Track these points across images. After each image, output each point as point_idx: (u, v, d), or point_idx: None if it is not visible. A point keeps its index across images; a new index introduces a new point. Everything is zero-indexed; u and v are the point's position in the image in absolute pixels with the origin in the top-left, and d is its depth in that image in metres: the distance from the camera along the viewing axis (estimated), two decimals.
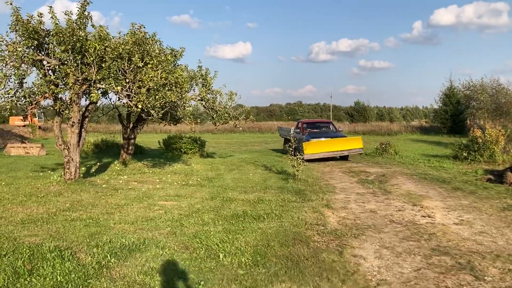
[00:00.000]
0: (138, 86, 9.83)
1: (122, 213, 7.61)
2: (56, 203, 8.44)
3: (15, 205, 8.21)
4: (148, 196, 9.33)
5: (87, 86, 10.27)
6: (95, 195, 9.29)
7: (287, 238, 6.16)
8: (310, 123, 22.54)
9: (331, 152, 18.52)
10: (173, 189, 10.35)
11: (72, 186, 10.19)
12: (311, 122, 23.63)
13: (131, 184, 11.01)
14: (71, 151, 10.51)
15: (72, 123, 10.44)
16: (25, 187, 10.17)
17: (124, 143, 15.80)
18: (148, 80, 9.72)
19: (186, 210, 7.98)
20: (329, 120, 29.42)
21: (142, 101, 9.62)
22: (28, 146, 20.89)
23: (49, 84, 9.74)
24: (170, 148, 20.79)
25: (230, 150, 26.41)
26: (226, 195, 9.70)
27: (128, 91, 9.97)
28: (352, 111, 65.87)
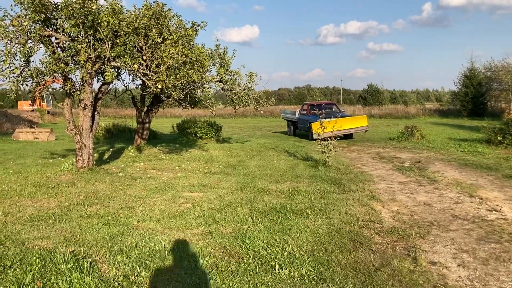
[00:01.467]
0: (156, 64, 8.80)
1: (144, 208, 6.66)
2: (68, 195, 7.51)
3: (24, 198, 7.30)
4: (170, 186, 8.38)
5: (100, 64, 9.26)
6: (111, 186, 8.35)
7: (344, 240, 5.18)
8: (315, 105, 23.32)
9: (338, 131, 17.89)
10: (196, 178, 9.39)
11: (86, 175, 9.26)
12: (316, 104, 24.22)
13: (149, 172, 10.06)
14: (83, 136, 9.56)
15: (84, 106, 9.47)
16: (34, 176, 9.26)
17: (138, 127, 14.84)
18: (168, 57, 8.69)
19: (216, 203, 7.02)
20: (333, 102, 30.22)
21: (162, 81, 8.60)
22: (37, 131, 20.03)
23: (58, 62, 8.74)
24: (185, 133, 19.86)
25: (245, 134, 25.41)
26: (255, 184, 8.72)
27: (146, 70, 8.94)
28: (365, 94, 64.44)
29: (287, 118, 25.48)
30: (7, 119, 26.38)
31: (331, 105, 24.06)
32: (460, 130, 25.46)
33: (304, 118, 21.93)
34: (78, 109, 9.80)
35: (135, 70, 8.84)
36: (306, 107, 22.58)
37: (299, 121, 23.17)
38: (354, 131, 20.45)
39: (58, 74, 9.17)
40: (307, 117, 21.55)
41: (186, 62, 9.33)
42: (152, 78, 8.82)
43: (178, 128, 20.69)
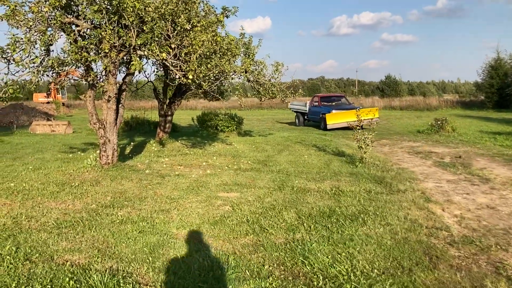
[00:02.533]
0: (186, 53, 8.11)
1: (180, 211, 6.01)
2: (94, 196, 6.90)
3: (47, 198, 6.70)
4: (202, 185, 7.73)
5: (125, 53, 8.61)
6: (139, 184, 7.72)
7: (418, 254, 4.47)
8: (326, 97, 24.54)
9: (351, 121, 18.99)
10: (227, 176, 8.72)
11: (110, 172, 8.65)
12: (326, 96, 25.52)
13: (176, 169, 9.42)
14: (107, 130, 8.94)
15: (108, 98, 8.84)
16: (55, 173, 8.68)
17: (160, 120, 14.23)
18: (199, 45, 7.99)
19: (257, 206, 6.34)
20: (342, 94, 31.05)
21: (193, 71, 7.92)
22: (54, 124, 19.57)
23: (80, 51, 8.10)
24: (205, 125, 19.22)
25: (265, 127, 24.70)
26: (293, 183, 8.04)
27: (174, 59, 8.26)
28: (383, 85, 63.19)
29: (295, 110, 25.85)
30: (23, 111, 26.02)
31: (340, 97, 25.18)
32: (489, 123, 24.42)
33: (316, 110, 22.80)
34: (101, 101, 9.17)
35: (163, 59, 8.17)
36: (317, 99, 23.47)
37: (309, 112, 23.85)
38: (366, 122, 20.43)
39: (80, 64, 8.55)
40: (319, 108, 22.48)
41: (216, 50, 8.63)
42: (182, 67, 8.13)
43: (198, 121, 20.06)
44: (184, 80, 8.06)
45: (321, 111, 21.91)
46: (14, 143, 15.22)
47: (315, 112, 22.88)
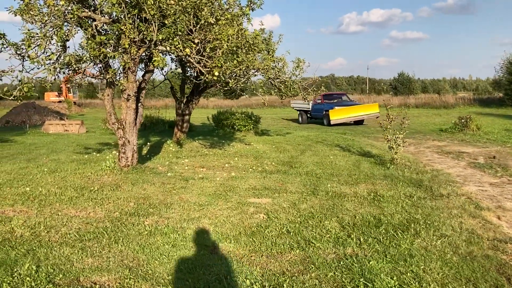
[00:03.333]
0: (211, 48, 7.59)
1: (212, 220, 5.49)
2: (116, 202, 6.41)
3: (65, 205, 6.22)
4: (230, 190, 7.21)
5: (145, 49, 8.11)
6: (163, 189, 7.22)
7: (491, 274, 3.90)
8: (328, 95, 25.61)
9: (352, 117, 22.75)
10: (254, 179, 8.20)
11: (130, 175, 8.17)
12: (329, 94, 26.42)
13: (199, 171, 8.92)
14: (126, 131, 8.45)
15: (127, 97, 8.35)
16: (72, 176, 8.22)
17: (177, 120, 13.73)
18: (225, 39, 7.46)
19: (294, 214, 5.81)
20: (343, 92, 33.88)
21: (220, 67, 7.39)
22: (67, 123, 19.20)
23: (99, 47, 7.62)
24: (221, 124, 18.74)
25: (281, 126, 24.18)
26: (326, 187, 7.49)
27: (198, 55, 7.74)
28: (396, 83, 62.28)
29: (298, 108, 27.32)
30: (36, 110, 25.72)
31: (341, 95, 27.04)
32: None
33: (319, 107, 24.34)
34: (119, 100, 8.69)
35: (186, 55, 7.65)
36: (320, 97, 24.45)
37: (312, 109, 25.22)
38: (367, 117, 23.23)
39: (98, 61, 8.06)
40: (322, 105, 24.08)
41: (241, 45, 8.11)
42: (207, 64, 7.61)
43: (213, 120, 19.59)
44: (209, 77, 7.54)
45: (324, 108, 23.52)
46: (27, 143, 14.84)
47: (318, 109, 24.38)
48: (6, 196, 6.79)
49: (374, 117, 22.98)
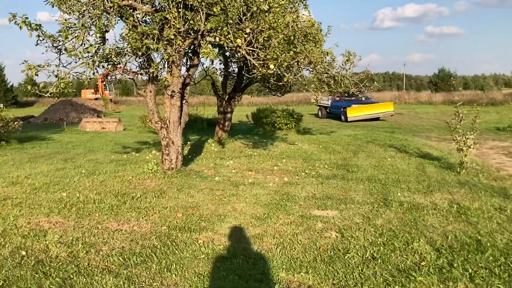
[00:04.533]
0: (266, 38, 6.72)
1: (277, 239, 4.63)
2: (162, 212, 5.64)
3: (106, 215, 5.50)
4: (287, 199, 6.34)
5: (191, 40, 7.33)
6: (212, 197, 6.42)
7: None
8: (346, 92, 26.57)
9: (369, 114, 23.51)
10: (311, 185, 7.31)
11: (175, 179, 7.42)
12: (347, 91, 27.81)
13: (248, 175, 8.09)
14: (170, 131, 7.71)
15: (172, 93, 7.59)
16: (112, 180, 7.54)
17: (219, 118, 12.97)
18: (281, 27, 6.59)
19: (372, 232, 4.88)
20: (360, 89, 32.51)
21: (275, 59, 6.53)
22: (104, 121, 18.79)
23: (141, 38, 6.88)
24: (260, 122, 17.91)
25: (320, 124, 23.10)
26: (396, 196, 6.53)
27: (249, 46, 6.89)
28: (436, 79, 59.93)
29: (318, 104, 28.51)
30: (73, 108, 25.60)
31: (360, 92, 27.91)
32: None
33: (337, 104, 25.14)
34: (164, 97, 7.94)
35: (237, 47, 6.81)
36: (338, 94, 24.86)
37: (331, 106, 26.10)
38: (382, 115, 24.14)
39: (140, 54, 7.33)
40: (340, 103, 24.81)
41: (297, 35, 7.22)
42: (260, 56, 6.76)
43: (253, 118, 18.79)
44: (264, 70, 6.69)
45: (342, 105, 24.26)
46: (64, 141, 14.43)
47: (337, 106, 25.18)
48: (41, 203, 6.14)
49: (389, 115, 24.43)
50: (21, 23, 6.81)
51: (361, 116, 23.45)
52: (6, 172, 8.57)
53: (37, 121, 24.31)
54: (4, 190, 6.98)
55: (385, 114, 24.26)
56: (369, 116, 23.71)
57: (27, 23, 6.84)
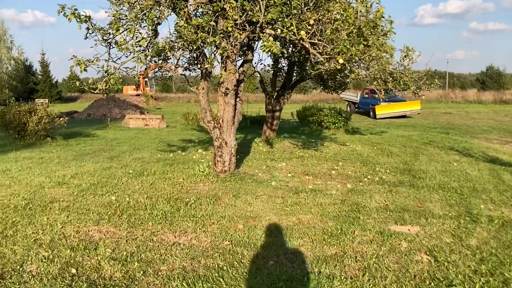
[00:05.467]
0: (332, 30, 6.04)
1: (360, 263, 3.97)
2: (221, 222, 5.08)
3: (160, 224, 4.99)
4: (357, 209, 5.66)
5: (248, 33, 6.73)
6: (272, 205, 5.82)
7: None
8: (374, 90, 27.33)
9: (396, 112, 23.96)
10: (378, 193, 6.59)
11: (229, 183, 6.87)
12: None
13: (306, 180, 7.44)
14: (223, 130, 7.16)
15: (226, 91, 7.04)
16: (162, 183, 7.07)
17: (267, 116, 12.36)
18: (352, 18, 5.89)
19: (469, 256, 4.14)
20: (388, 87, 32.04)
21: (345, 53, 5.84)
22: (148, 118, 18.55)
23: (197, 31, 6.34)
24: (306, 121, 17.20)
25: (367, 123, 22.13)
26: (479, 209, 5.73)
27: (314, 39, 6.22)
28: (484, 77, 57.24)
29: (347, 99, 29.06)
30: (116, 104, 25.66)
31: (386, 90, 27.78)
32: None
33: (366, 101, 25.69)
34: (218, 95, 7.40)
35: (300, 39, 6.16)
36: (367, 91, 25.69)
37: (360, 102, 26.81)
38: (410, 113, 24.54)
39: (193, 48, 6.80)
40: (369, 100, 25.21)
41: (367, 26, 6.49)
42: (327, 50, 6.09)
43: (298, 116, 18.09)
44: (331, 65, 6.01)
45: (371, 102, 24.58)
46: (108, 138, 14.20)
47: (365, 103, 25.80)
48: (89, 207, 5.71)
49: (415, 113, 24.63)
50: (70, 15, 6.41)
51: (389, 113, 23.93)
52: (52, 170, 8.26)
53: (81, 117, 24.48)
54: (50, 191, 6.62)
55: (412, 112, 24.51)
56: (396, 113, 24.11)
57: (76, 15, 6.43)
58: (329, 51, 6.09)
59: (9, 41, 48.84)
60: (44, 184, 7.04)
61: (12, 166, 8.64)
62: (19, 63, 48.90)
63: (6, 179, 7.49)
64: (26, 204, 5.85)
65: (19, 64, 48.72)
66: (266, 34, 6.30)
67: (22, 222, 5.10)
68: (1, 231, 4.80)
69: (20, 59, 49.45)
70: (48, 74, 48.65)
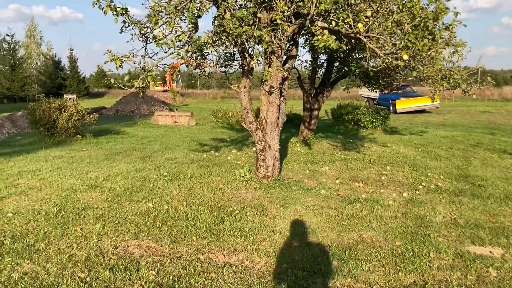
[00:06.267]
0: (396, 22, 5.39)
1: None
2: (272, 238, 4.53)
3: (205, 239, 4.47)
4: (422, 225, 5.02)
5: (296, 26, 6.14)
6: (326, 218, 5.23)
7: None
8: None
9: (416, 106, 24.50)
10: (441, 205, 5.92)
11: (274, 190, 6.31)
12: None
13: (356, 188, 6.82)
14: (267, 133, 6.60)
15: (270, 89, 6.47)
16: (201, 188, 6.56)
17: (305, 115, 11.74)
18: (417, 9, 5.24)
19: None
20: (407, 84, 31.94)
21: (410, 48, 5.19)
22: (177, 115, 18.15)
23: (241, 24, 5.78)
24: (341, 120, 16.50)
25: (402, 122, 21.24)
26: None
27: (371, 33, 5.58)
28: None
29: (365, 96, 30.39)
30: (143, 100, 25.41)
31: (406, 86, 27.69)
32: None
33: (386, 97, 26.21)
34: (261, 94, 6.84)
35: (356, 33, 5.53)
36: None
37: (379, 98, 27.45)
38: (429, 107, 25.09)
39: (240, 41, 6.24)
40: (389, 95, 25.69)
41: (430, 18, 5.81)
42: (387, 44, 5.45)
43: (332, 114, 17.39)
44: (396, 62, 5.38)
45: (391, 97, 25.46)
46: (138, 136, 13.83)
47: (385, 98, 26.41)
48: (126, 216, 5.25)
49: (434, 107, 25.23)
50: (106, 7, 5.93)
51: (409, 108, 24.54)
52: (84, 171, 7.87)
53: (109, 113, 24.33)
54: (83, 196, 6.19)
55: (432, 106, 25.05)
56: (416, 108, 24.75)
57: (112, 7, 5.95)
58: (390, 46, 5.45)
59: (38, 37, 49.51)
60: (76, 188, 6.63)
61: (42, 166, 8.29)
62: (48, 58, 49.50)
63: (36, 180, 7.13)
64: (58, 211, 5.43)
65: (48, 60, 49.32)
66: (317, 27, 5.69)
67: (54, 233, 4.66)
68: (33, 243, 4.37)
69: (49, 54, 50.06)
70: (76, 70, 49.08)
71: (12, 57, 43.32)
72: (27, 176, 7.37)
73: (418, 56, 5.56)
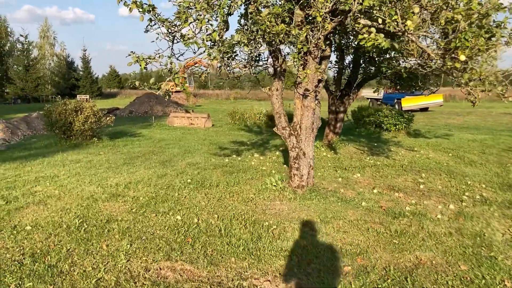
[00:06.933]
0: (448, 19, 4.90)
1: None
2: (320, 260, 4.05)
3: (245, 261, 4.02)
4: (485, 245, 4.52)
5: (336, 24, 5.66)
6: (374, 235, 4.74)
7: None
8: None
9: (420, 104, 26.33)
10: (496, 219, 5.42)
11: (311, 202, 5.83)
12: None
13: (397, 199, 6.32)
14: (301, 139, 6.12)
15: (304, 92, 6.00)
16: (231, 198, 6.11)
17: (330, 118, 11.25)
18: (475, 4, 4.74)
19: None
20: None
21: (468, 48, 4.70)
22: (193, 117, 17.74)
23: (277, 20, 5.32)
24: (363, 122, 15.99)
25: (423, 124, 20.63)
26: None
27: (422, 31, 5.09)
28: None
29: (369, 97, 31.44)
30: (157, 101, 25.07)
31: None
32: None
33: (390, 96, 28.02)
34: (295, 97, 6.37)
35: (404, 32, 5.04)
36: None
37: (384, 97, 29.00)
38: (433, 104, 26.99)
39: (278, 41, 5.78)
40: (393, 95, 27.53)
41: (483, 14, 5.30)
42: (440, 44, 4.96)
43: (353, 116, 16.87)
44: (449, 64, 4.88)
45: (396, 96, 27.12)
46: (155, 138, 13.45)
47: (390, 97, 28.10)
48: (154, 231, 4.82)
49: (438, 105, 27.12)
50: (132, 4, 5.52)
51: (413, 105, 25.99)
52: (103, 178, 7.48)
53: (123, 114, 24.01)
54: (105, 206, 5.78)
55: (435, 104, 26.80)
56: (420, 106, 26.46)
57: (138, 4, 5.53)
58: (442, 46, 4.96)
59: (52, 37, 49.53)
60: (96, 196, 6.22)
61: (60, 172, 7.91)
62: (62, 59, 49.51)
63: (55, 187, 6.74)
64: (80, 223, 5.02)
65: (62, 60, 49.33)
66: (360, 25, 5.22)
67: (78, 251, 4.25)
68: (55, 264, 3.95)
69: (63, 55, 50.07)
70: (89, 70, 49.03)
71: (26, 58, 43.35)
72: (45, 183, 6.99)
73: (477, 57, 5.02)
